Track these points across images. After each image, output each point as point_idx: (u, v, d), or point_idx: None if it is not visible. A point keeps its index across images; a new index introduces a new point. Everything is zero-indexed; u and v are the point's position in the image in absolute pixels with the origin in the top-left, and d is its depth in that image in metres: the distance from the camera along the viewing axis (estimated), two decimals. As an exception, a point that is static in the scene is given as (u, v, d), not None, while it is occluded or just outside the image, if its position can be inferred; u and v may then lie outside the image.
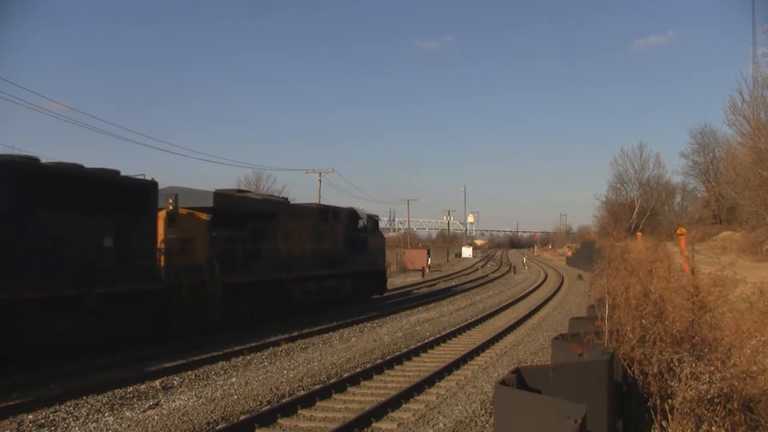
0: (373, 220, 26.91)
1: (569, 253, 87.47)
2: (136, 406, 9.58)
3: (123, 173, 14.08)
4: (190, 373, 11.92)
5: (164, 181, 16.10)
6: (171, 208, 14.81)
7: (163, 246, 14.72)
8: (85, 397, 9.84)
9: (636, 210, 66.85)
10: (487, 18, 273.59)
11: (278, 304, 19.10)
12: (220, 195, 16.91)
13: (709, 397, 5.90)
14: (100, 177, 13.31)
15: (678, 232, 25.44)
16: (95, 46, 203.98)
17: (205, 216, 16.08)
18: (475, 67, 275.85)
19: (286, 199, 21.13)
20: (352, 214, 24.99)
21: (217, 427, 8.46)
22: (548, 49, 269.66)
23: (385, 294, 29.18)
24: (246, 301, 17.55)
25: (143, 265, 13.95)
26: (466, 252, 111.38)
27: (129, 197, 13.85)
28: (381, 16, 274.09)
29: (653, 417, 6.34)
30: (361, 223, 25.32)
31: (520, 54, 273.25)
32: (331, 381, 11.27)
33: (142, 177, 14.36)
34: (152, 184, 14.51)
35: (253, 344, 14.68)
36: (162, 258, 14.65)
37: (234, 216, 17.19)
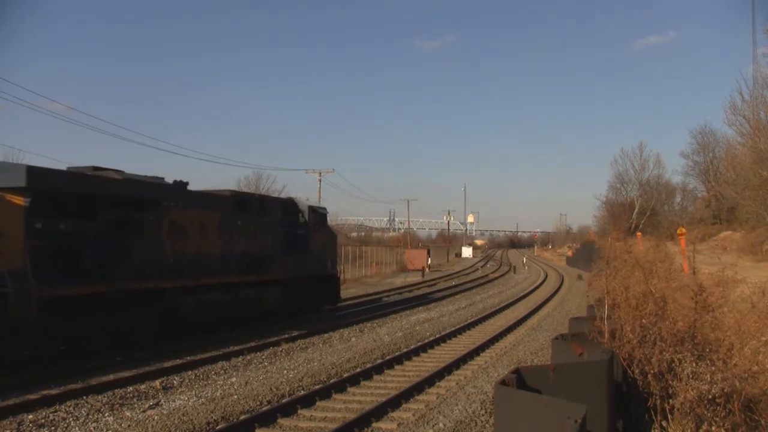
0: (319, 213, 21.77)
1: (569, 253, 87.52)
2: (136, 406, 9.58)
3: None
4: (190, 373, 11.92)
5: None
6: None
7: None
8: (85, 397, 9.84)
9: (636, 210, 66.85)
10: (488, 18, 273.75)
11: (157, 322, 14.49)
12: (40, 172, 12.22)
13: (710, 397, 5.89)
14: None
15: (678, 232, 25.43)
16: (95, 46, 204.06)
17: (20, 200, 11.75)
18: (475, 66, 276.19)
19: (185, 183, 15.83)
20: (288, 206, 20.47)
21: (217, 427, 8.45)
22: (548, 49, 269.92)
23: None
24: (98, 321, 12.95)
25: None
26: (466, 252, 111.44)
27: None
28: (381, 16, 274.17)
29: (653, 417, 6.33)
30: (301, 216, 20.61)
31: (520, 54, 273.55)
32: (331, 381, 11.27)
33: None
34: None
35: (253, 344, 14.68)
36: None
37: (76, 201, 12.95)
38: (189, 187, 16.07)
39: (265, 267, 18.25)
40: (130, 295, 13.71)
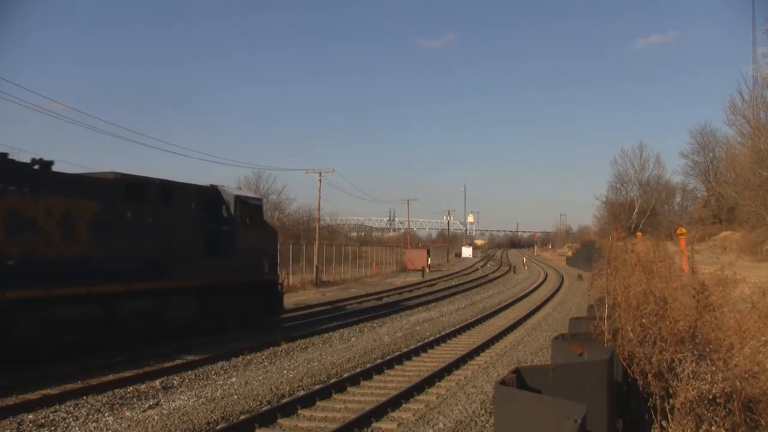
0: (251, 205, 17.66)
1: (569, 253, 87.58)
2: (136, 406, 9.58)
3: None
4: (190, 373, 11.92)
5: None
6: None
7: None
8: (85, 397, 9.84)
9: (636, 210, 66.85)
10: (489, 17, 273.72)
11: None
12: None
13: (710, 396, 5.89)
14: None
15: (678, 232, 25.44)
16: (95, 46, 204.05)
17: None
18: (475, 66, 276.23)
19: (47, 162, 12.39)
20: (208, 195, 16.52)
21: (217, 427, 8.45)
22: (549, 49, 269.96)
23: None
24: None
25: None
26: (466, 252, 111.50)
27: None
28: (382, 15, 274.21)
29: (653, 417, 6.33)
30: (226, 209, 16.76)
31: (521, 53, 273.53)
32: (331, 381, 11.27)
33: None
34: None
35: (252, 344, 14.68)
36: None
37: None
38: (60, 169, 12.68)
39: (168, 272, 14.44)
40: None
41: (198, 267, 15.47)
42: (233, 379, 11.44)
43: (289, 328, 18.13)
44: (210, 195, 16.63)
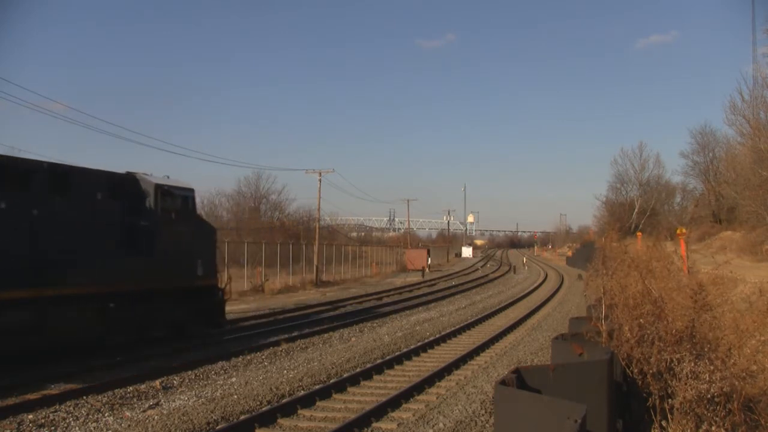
0: (177, 196, 14.93)
1: (569, 253, 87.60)
2: (136, 406, 9.58)
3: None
4: (190, 373, 11.92)
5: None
6: None
7: None
8: (85, 397, 9.84)
9: (636, 210, 66.87)
10: (489, 17, 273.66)
11: None
12: None
13: (709, 396, 5.90)
14: None
15: (678, 232, 25.45)
16: (95, 46, 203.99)
17: None
18: (475, 66, 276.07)
19: None
20: (118, 184, 13.91)
21: (217, 427, 8.46)
22: (549, 49, 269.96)
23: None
24: None
25: None
26: (466, 252, 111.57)
27: None
28: (382, 15, 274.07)
29: (653, 417, 6.34)
30: (148, 201, 14.21)
31: (521, 53, 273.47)
32: (331, 381, 11.28)
33: None
34: None
35: (252, 344, 14.68)
36: None
37: None
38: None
39: (57, 276, 11.85)
40: None
41: (104, 270, 12.83)
42: (233, 379, 11.45)
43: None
44: (126, 184, 14.07)
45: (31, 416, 8.85)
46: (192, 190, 15.60)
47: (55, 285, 11.78)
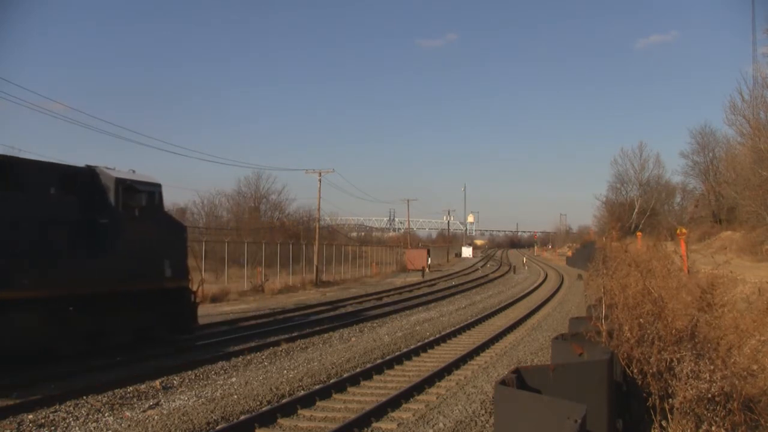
0: (140, 191, 13.76)
1: (569, 253, 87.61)
2: (136, 406, 9.58)
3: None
4: (190, 373, 11.92)
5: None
6: None
7: None
8: (85, 397, 9.84)
9: (636, 210, 66.88)
10: (489, 17, 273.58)
11: None
12: None
13: (709, 396, 5.90)
14: None
15: (678, 232, 25.46)
16: (95, 46, 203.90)
17: None
18: (475, 66, 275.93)
19: None
20: (75, 178, 12.98)
21: (217, 427, 8.46)
22: (549, 49, 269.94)
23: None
24: None
25: None
26: (466, 252, 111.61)
27: None
28: (382, 14, 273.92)
29: (653, 417, 6.34)
30: (108, 197, 13.19)
31: (521, 53, 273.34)
32: (331, 381, 11.28)
33: None
34: None
35: (252, 344, 14.68)
36: None
37: None
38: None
39: None
40: None
41: (56, 271, 11.78)
42: (233, 379, 11.45)
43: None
44: (83, 178, 13.08)
45: (31, 416, 8.85)
46: (158, 185, 14.49)
47: None
